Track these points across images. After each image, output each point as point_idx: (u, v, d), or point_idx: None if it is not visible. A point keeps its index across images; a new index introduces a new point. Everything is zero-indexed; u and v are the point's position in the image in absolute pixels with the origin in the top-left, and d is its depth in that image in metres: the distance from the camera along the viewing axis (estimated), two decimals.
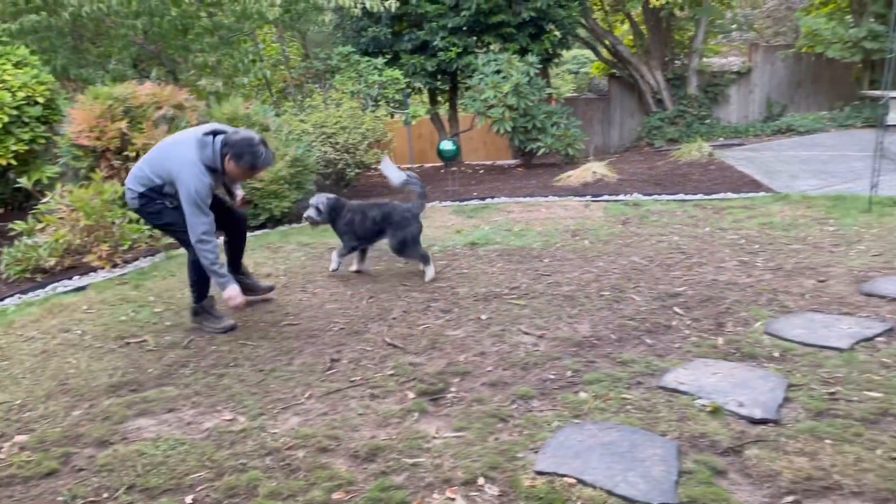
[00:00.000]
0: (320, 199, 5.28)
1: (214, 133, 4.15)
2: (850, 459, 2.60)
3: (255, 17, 9.09)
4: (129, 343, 4.24)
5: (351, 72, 10.37)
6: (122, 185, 6.50)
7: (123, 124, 6.76)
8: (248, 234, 6.86)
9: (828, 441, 2.74)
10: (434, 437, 2.96)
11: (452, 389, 3.42)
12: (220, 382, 3.61)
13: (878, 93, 10.69)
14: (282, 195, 7.26)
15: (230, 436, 3.05)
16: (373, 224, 5.22)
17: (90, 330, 4.48)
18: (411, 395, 3.37)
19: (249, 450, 2.92)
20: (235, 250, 4.86)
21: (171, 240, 6.46)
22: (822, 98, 13.99)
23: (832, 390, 3.15)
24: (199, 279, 4.37)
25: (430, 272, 5.21)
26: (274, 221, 7.45)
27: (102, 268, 5.96)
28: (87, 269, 5.95)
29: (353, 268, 5.49)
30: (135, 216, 6.22)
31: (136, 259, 6.29)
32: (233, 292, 4.20)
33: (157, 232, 6.32)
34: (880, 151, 6.64)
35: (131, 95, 6.97)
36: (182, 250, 6.58)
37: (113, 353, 4.08)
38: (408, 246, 5.21)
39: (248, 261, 5.94)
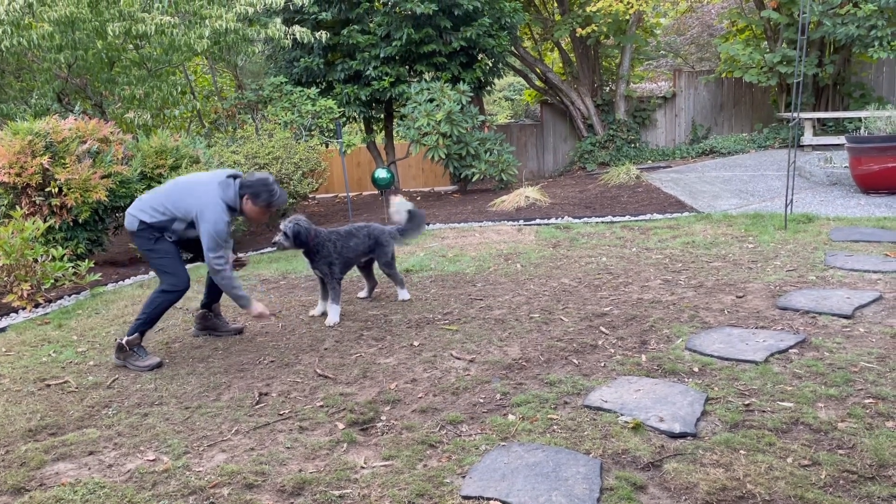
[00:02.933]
0: (287, 225, 4.92)
1: (234, 177, 4.40)
2: (762, 468, 2.71)
3: (183, 50, 9.01)
4: (49, 385, 4.09)
5: (284, 102, 10.35)
6: (44, 221, 6.34)
7: (45, 160, 6.59)
8: None
9: (742, 452, 2.84)
10: (362, 468, 2.95)
11: (383, 418, 3.42)
12: (143, 422, 3.52)
13: (789, 114, 11.24)
14: None
15: (153, 476, 2.97)
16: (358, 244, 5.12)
17: (8, 373, 4.31)
18: (341, 425, 3.36)
19: (172, 490, 2.86)
20: (215, 291, 4.79)
21: (97, 277, 6.30)
22: (743, 120, 14.64)
23: (747, 402, 3.27)
24: (151, 319, 4.38)
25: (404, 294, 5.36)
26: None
27: (23, 308, 5.76)
28: (7, 310, 5.74)
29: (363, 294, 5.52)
30: (58, 253, 6.04)
31: (60, 298, 6.10)
32: (257, 308, 4.42)
33: (82, 269, 6.16)
34: (793, 171, 6.98)
35: (53, 130, 6.81)
36: (109, 287, 6.42)
37: (32, 396, 3.94)
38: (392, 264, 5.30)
39: None
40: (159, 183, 7.39)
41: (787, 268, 5.44)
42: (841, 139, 8.96)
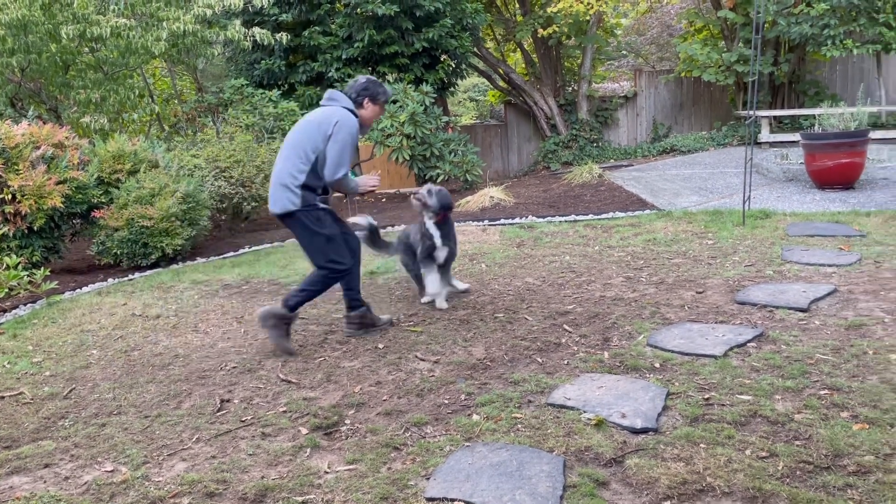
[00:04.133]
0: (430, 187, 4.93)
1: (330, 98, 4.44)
2: (721, 461, 2.75)
3: (140, 52, 8.86)
4: (3, 397, 3.98)
5: (245, 105, 10.23)
6: None
7: None
8: (138, 274, 6.65)
9: (702, 445, 2.88)
10: (326, 472, 2.93)
11: (347, 422, 3.40)
12: (101, 432, 3.44)
13: (746, 112, 11.45)
14: (174, 232, 7.05)
15: (110, 488, 2.91)
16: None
17: None
18: (304, 430, 3.32)
19: (131, 501, 2.80)
20: (355, 281, 4.64)
21: (53, 285, 6.16)
22: (703, 119, 14.89)
23: (707, 396, 3.32)
24: (307, 298, 4.44)
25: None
26: (167, 260, 7.21)
27: None
28: None
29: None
30: (12, 262, 5.90)
31: (15, 307, 5.95)
32: (368, 180, 4.52)
33: (37, 277, 6.01)
34: (751, 168, 7.12)
35: (5, 136, 6.63)
36: (66, 295, 6.27)
37: None
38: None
39: (136, 303, 5.74)
40: (117, 188, 7.26)
41: (745, 263, 5.54)
42: (797, 136, 9.17)
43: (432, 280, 5.05)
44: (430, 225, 4.96)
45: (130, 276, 6.89)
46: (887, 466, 2.61)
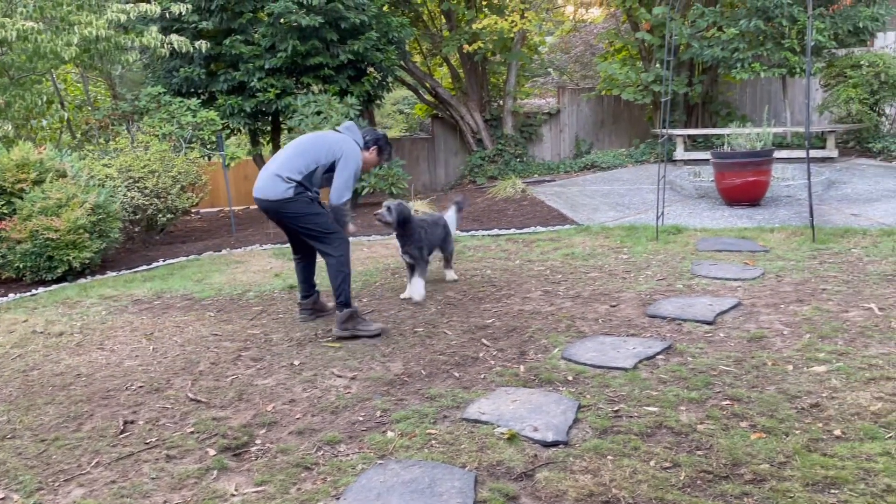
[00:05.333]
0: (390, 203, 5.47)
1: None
2: (627, 472, 2.81)
3: (49, 57, 8.48)
4: None
5: (162, 113, 9.92)
6: None
7: None
8: (42, 289, 6.36)
9: (609, 457, 2.94)
10: (233, 495, 2.84)
11: (257, 442, 3.31)
12: None
13: (660, 131, 11.88)
14: (82, 245, 6.75)
15: None
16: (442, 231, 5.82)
17: None
18: (212, 452, 3.22)
19: None
20: (309, 270, 5.15)
21: None
22: (623, 136, 15.34)
23: (616, 408, 3.40)
24: (343, 282, 4.70)
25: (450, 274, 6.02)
26: (74, 274, 6.90)
27: None
28: None
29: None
30: None
31: None
32: (352, 228, 4.99)
33: None
34: (664, 185, 7.37)
35: None
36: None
37: None
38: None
39: (38, 319, 5.47)
40: (20, 199, 6.91)
41: (657, 277, 5.72)
42: (708, 154, 9.55)
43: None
44: (395, 236, 5.61)
45: (34, 291, 6.56)
46: (781, 474, 2.73)
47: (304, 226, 4.76)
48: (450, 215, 6.14)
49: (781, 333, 4.26)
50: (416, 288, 5.49)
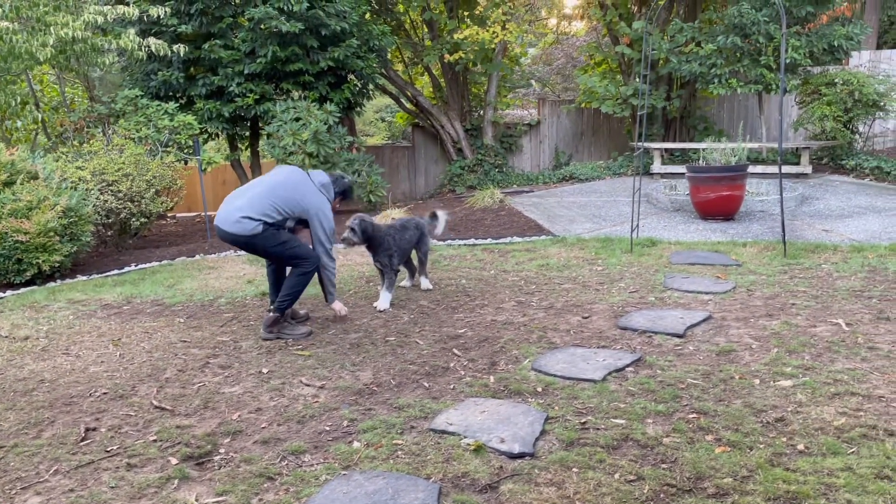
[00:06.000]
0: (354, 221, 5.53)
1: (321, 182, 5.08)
2: (591, 485, 2.80)
3: (24, 58, 8.36)
4: None
5: (139, 116, 9.82)
6: None
7: None
8: (10, 292, 6.26)
9: (575, 469, 2.94)
10: None
11: (221, 451, 3.27)
12: None
13: (636, 144, 11.99)
14: (52, 248, 6.65)
15: None
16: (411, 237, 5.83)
17: None
18: (174, 460, 3.17)
19: None
20: (281, 276, 5.20)
21: None
22: (601, 148, 15.45)
23: (584, 420, 3.40)
24: (296, 295, 4.90)
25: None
26: (43, 277, 6.79)
27: None
28: None
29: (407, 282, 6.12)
30: None
31: None
32: (339, 304, 5.23)
33: None
34: (639, 198, 7.42)
35: None
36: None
37: None
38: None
39: (4, 323, 5.37)
40: None
41: (630, 289, 5.74)
42: (684, 168, 9.63)
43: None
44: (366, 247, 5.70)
45: (1, 294, 6.44)
46: (743, 488, 2.74)
47: (275, 253, 4.95)
48: (442, 218, 6.25)
49: (750, 347, 4.29)
50: (382, 300, 5.55)
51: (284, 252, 4.87)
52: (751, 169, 9.00)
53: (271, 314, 4.88)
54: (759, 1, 11.10)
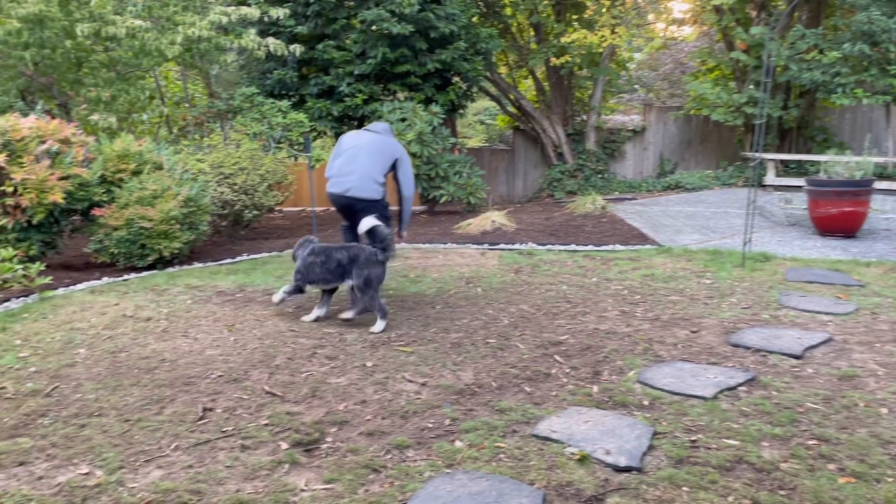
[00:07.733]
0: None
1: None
2: None
3: (154, 55, 8.91)
4: None
5: (254, 113, 10.27)
6: None
7: (1, 158, 6.42)
8: (134, 274, 6.64)
9: (685, 488, 2.84)
10: (303, 490, 2.88)
11: (328, 439, 3.36)
12: (80, 433, 3.40)
13: (751, 154, 11.49)
14: (172, 235, 7.03)
15: (83, 491, 2.86)
16: (337, 265, 5.15)
17: None
18: (285, 445, 3.28)
19: None
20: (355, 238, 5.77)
21: (47, 280, 6.13)
22: (710, 157, 14.91)
23: (694, 438, 3.28)
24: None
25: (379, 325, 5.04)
26: (163, 262, 7.20)
27: None
28: None
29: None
30: (7, 254, 5.89)
31: (7, 300, 5.92)
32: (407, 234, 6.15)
33: (32, 271, 5.99)
34: (753, 210, 7.11)
35: (11, 128, 6.65)
36: (60, 291, 6.22)
37: None
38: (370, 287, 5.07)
39: (129, 304, 5.71)
40: (119, 188, 7.26)
41: (741, 305, 5.51)
42: (802, 181, 9.17)
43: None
44: None
45: (125, 277, 6.87)
46: None
47: (381, 210, 5.53)
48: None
49: (875, 374, 4.03)
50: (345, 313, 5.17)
51: (386, 208, 5.60)
52: (876, 184, 8.46)
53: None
54: (891, 7, 10.42)
